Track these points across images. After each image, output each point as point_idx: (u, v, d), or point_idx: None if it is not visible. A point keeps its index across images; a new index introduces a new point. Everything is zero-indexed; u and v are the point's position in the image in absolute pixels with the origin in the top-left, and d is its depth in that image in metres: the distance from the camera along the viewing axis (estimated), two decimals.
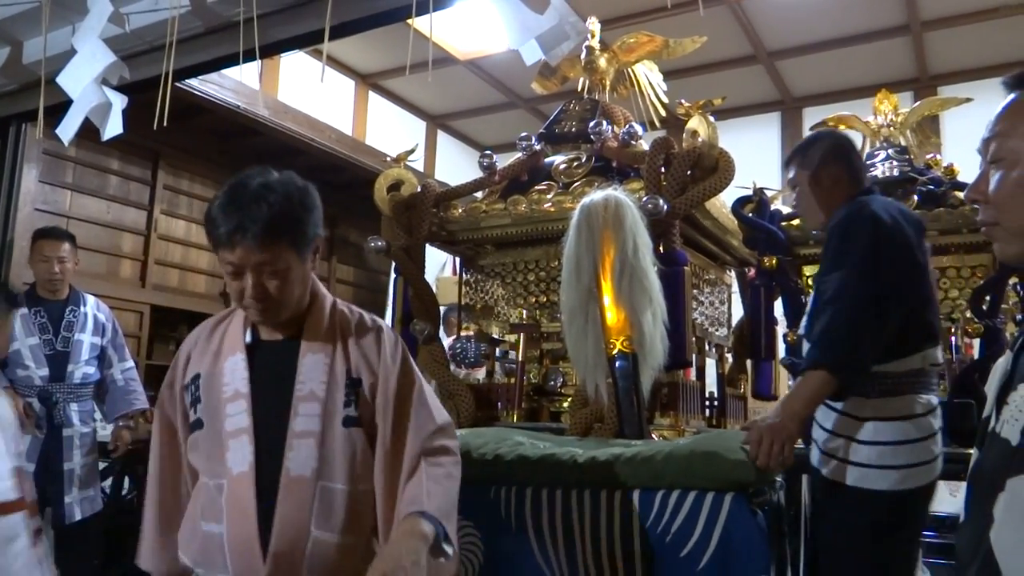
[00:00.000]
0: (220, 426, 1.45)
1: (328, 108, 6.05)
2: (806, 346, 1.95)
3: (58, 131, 2.24)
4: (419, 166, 6.76)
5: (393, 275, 3.54)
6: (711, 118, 2.95)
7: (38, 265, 3.49)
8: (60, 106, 2.62)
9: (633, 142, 3.20)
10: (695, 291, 3.29)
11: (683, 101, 2.98)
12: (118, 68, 2.15)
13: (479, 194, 3.79)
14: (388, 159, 3.82)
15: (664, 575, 1.60)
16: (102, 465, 3.75)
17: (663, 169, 2.93)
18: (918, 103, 3.55)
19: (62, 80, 2.16)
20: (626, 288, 2.42)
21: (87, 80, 2.06)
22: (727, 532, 1.57)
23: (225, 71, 4.63)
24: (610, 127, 3.35)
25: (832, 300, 1.83)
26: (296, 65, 5.74)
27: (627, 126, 3.24)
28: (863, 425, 1.89)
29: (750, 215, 3.24)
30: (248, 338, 1.52)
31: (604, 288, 2.44)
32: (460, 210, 3.52)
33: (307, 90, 5.87)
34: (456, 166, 7.28)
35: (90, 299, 3.64)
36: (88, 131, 2.51)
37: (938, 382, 2.01)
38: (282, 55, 5.32)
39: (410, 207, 3.48)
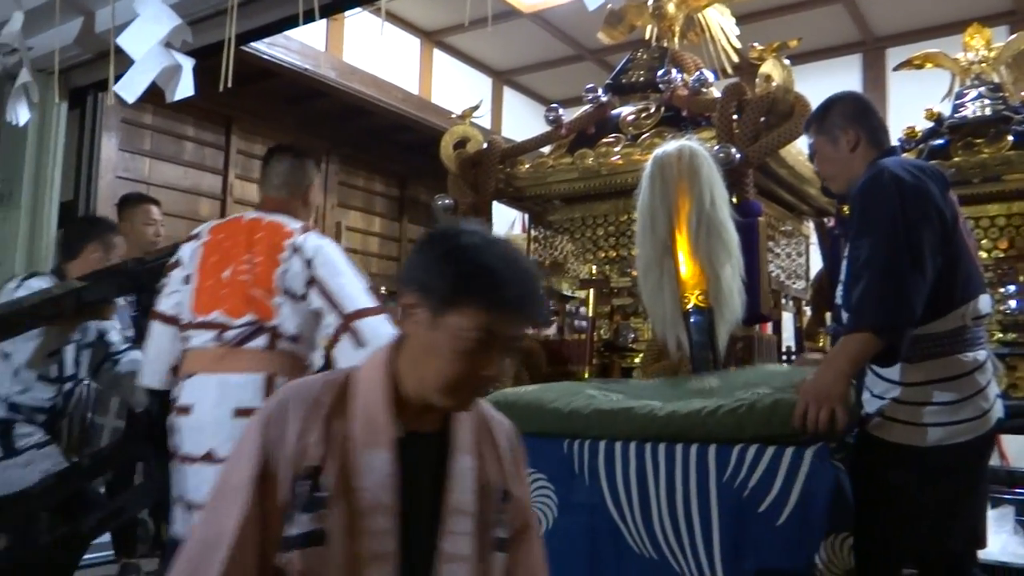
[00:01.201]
0: (356, 548, 1.10)
1: (394, 67, 6.03)
2: (845, 316, 1.86)
3: (118, 90, 2.27)
4: (485, 123, 6.71)
5: None
6: (786, 61, 2.83)
7: (143, 228, 3.56)
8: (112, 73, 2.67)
9: (704, 90, 3.10)
10: (770, 243, 3.19)
11: (756, 44, 2.86)
12: (182, 32, 2.17)
13: (545, 149, 3.74)
14: (453, 116, 3.79)
15: (741, 530, 1.57)
16: None
17: (735, 117, 2.84)
18: (1014, 36, 3.33)
19: (123, 41, 2.18)
20: (703, 241, 2.36)
21: (151, 43, 2.08)
22: (808, 487, 1.53)
23: (291, 33, 4.66)
24: (679, 75, 3.25)
25: (865, 265, 1.76)
26: (361, 25, 5.73)
27: (697, 73, 3.13)
28: (908, 388, 1.80)
29: None
30: (398, 429, 1.16)
31: (680, 241, 2.39)
32: (527, 166, 3.48)
33: (372, 50, 5.87)
34: (522, 122, 7.20)
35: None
36: (162, 97, 2.56)
37: (985, 334, 1.90)
38: (346, 15, 5.32)
39: (476, 164, 3.46)
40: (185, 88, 2.23)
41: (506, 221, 6.43)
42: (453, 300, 1.09)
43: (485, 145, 3.46)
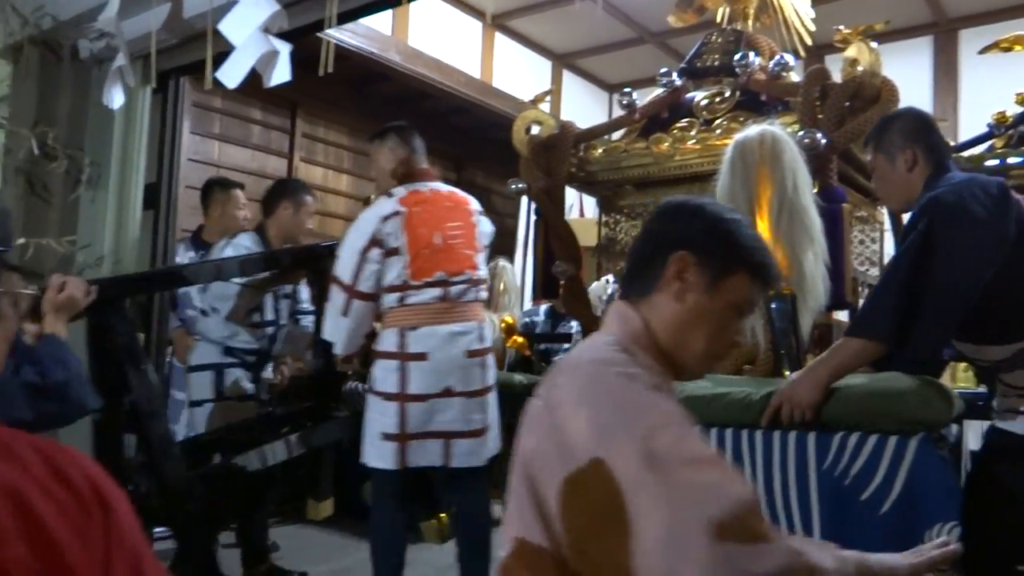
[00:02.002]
0: None
1: (456, 51, 6.05)
2: None
3: (220, 76, 2.33)
4: (544, 107, 6.70)
5: (533, 217, 3.56)
6: (874, 45, 2.78)
7: (233, 212, 3.70)
8: (218, 57, 2.74)
9: (784, 73, 3.06)
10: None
11: (841, 28, 2.81)
12: (279, 18, 2.22)
13: (616, 134, 3.73)
14: (526, 101, 3.81)
15: (842, 518, 1.57)
16: None
17: (818, 101, 2.79)
18: None
19: (224, 28, 2.24)
20: (785, 227, 2.34)
21: (250, 29, 2.13)
22: (912, 477, 1.52)
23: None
24: (757, 58, 3.21)
25: (887, 277, 1.77)
26: (426, 9, 5.76)
27: (777, 56, 3.09)
28: None
29: None
30: None
31: (760, 227, 2.36)
32: (600, 150, 3.48)
33: (436, 34, 5.89)
34: (582, 106, 7.18)
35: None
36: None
37: None
38: None
39: (549, 148, 3.47)
40: (282, 73, 2.28)
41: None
42: (731, 267, 1.13)
43: (558, 129, 3.46)
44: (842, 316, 3.12)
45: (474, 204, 2.79)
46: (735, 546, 0.86)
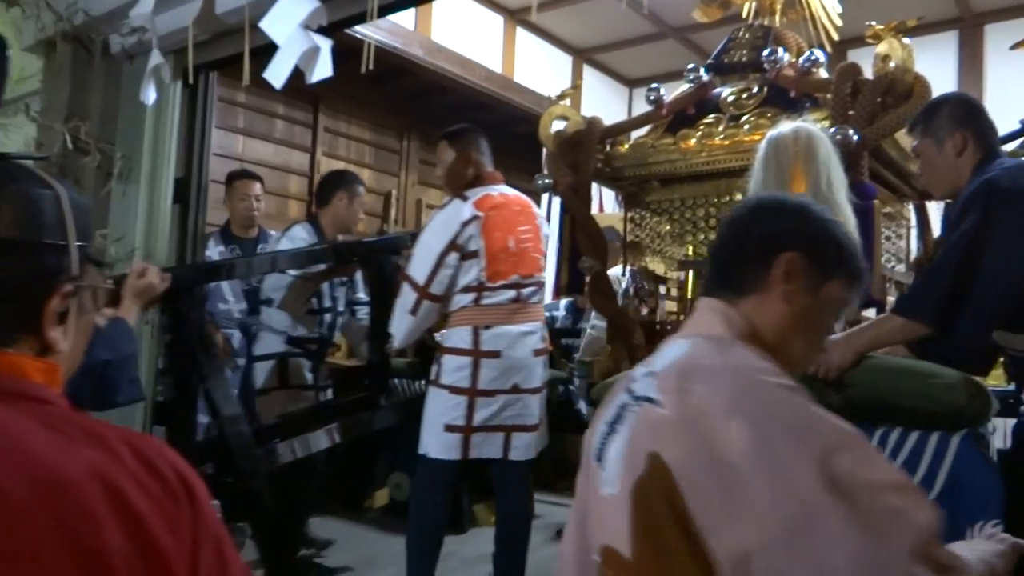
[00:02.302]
0: None
1: (477, 46, 6.06)
2: None
3: (267, 76, 2.35)
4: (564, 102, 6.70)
5: (559, 213, 3.56)
6: (905, 40, 2.76)
7: (237, 204, 3.73)
8: (248, 52, 2.76)
9: (814, 69, 3.05)
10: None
11: (873, 23, 2.80)
12: (320, 14, 2.23)
13: (641, 129, 3.73)
14: (549, 96, 3.81)
15: None
16: None
17: (849, 97, 2.79)
18: None
19: (265, 25, 2.25)
20: None
21: (292, 26, 2.15)
22: (954, 475, 1.52)
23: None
24: (786, 54, 3.21)
25: (939, 263, 1.76)
26: (448, 4, 5.77)
27: (808, 52, 3.09)
28: None
29: None
30: None
31: None
32: (626, 146, 3.49)
33: (458, 29, 5.90)
34: (601, 101, 7.16)
35: (272, 235, 3.86)
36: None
37: None
38: None
39: (575, 144, 3.47)
40: (323, 69, 2.29)
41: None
42: (837, 271, 1.13)
43: (585, 125, 3.46)
44: (870, 314, 3.12)
45: (537, 208, 2.90)
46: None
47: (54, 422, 0.67)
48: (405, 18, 5.45)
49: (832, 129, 2.60)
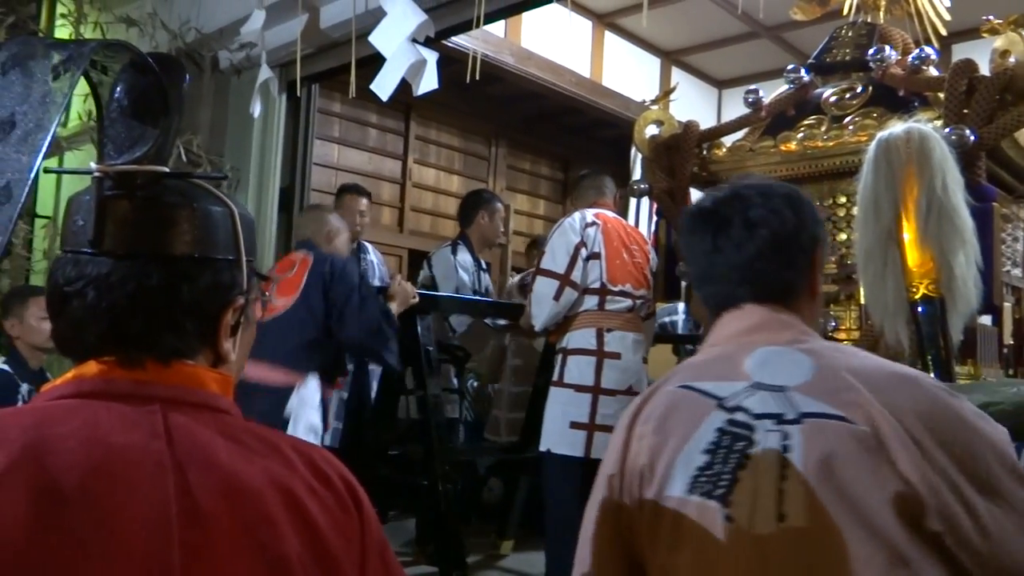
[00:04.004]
0: None
1: (566, 51, 6.06)
2: None
3: (375, 88, 2.42)
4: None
5: (655, 217, 3.54)
6: (1018, 36, 2.63)
7: (344, 217, 3.84)
8: (347, 66, 2.85)
9: (924, 67, 2.94)
10: None
11: (991, 17, 2.68)
12: (427, 27, 2.28)
13: (737, 133, 3.67)
14: (640, 101, 3.79)
15: None
16: None
17: (964, 95, 2.67)
18: None
19: (374, 39, 2.32)
20: (933, 228, 2.25)
21: (399, 40, 2.21)
22: None
23: None
24: (893, 52, 3.10)
25: None
26: (538, 10, 5.78)
27: (918, 49, 2.98)
28: None
29: None
30: None
31: (907, 228, 2.28)
32: (724, 149, 3.43)
33: (547, 34, 5.91)
34: (689, 103, 7.05)
35: (369, 246, 3.96)
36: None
37: None
38: None
39: (671, 148, 3.43)
40: (430, 81, 2.34)
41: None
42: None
43: (681, 129, 3.43)
44: (985, 320, 2.99)
45: (644, 236, 3.28)
46: None
47: (232, 432, 0.70)
48: (496, 26, 5.49)
49: (947, 129, 2.50)
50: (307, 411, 2.69)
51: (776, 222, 1.08)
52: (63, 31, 3.57)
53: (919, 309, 2.29)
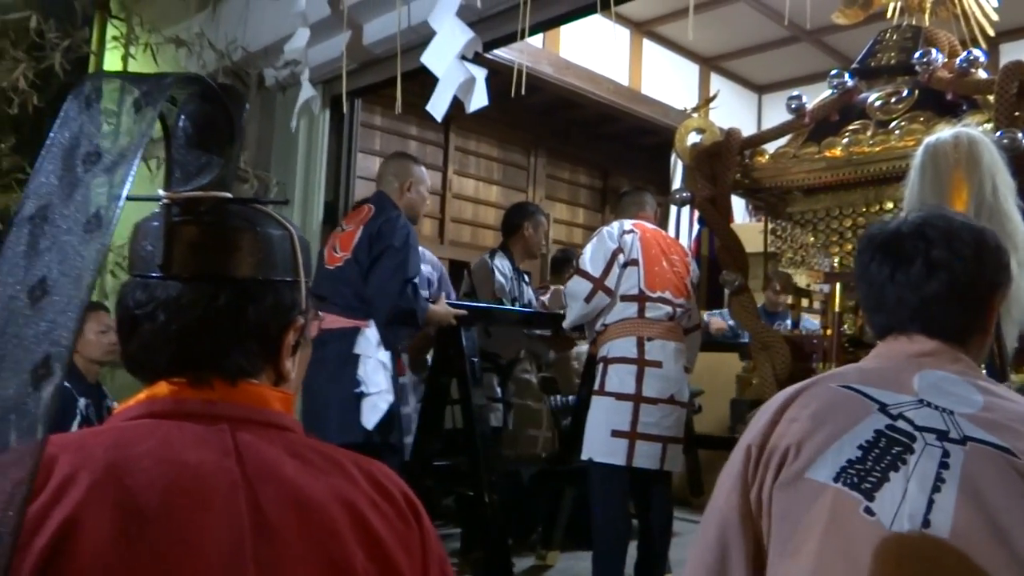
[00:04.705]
0: None
1: (604, 59, 6.07)
2: None
3: (429, 108, 2.46)
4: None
5: (697, 227, 3.52)
6: None
7: None
8: (390, 81, 2.90)
9: (972, 70, 2.89)
10: None
11: None
12: (475, 43, 2.31)
13: (781, 140, 3.64)
14: (685, 109, 3.78)
15: None
16: None
17: (1016, 98, 2.62)
18: None
19: (426, 60, 2.36)
20: None
21: (450, 58, 2.24)
22: None
23: None
24: (940, 55, 3.05)
25: None
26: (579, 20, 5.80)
27: (966, 52, 2.93)
28: None
29: None
30: None
31: None
32: (766, 156, 3.40)
33: (585, 43, 5.93)
34: (728, 108, 7.00)
35: (427, 253, 3.99)
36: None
37: None
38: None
39: (713, 156, 3.42)
40: (480, 98, 2.37)
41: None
42: None
43: (723, 136, 3.41)
44: None
45: (685, 248, 3.32)
46: None
47: (296, 448, 0.72)
48: (534, 36, 5.53)
49: (998, 133, 2.46)
50: (374, 350, 2.74)
51: (958, 268, 1.09)
52: (115, 53, 3.68)
53: None
